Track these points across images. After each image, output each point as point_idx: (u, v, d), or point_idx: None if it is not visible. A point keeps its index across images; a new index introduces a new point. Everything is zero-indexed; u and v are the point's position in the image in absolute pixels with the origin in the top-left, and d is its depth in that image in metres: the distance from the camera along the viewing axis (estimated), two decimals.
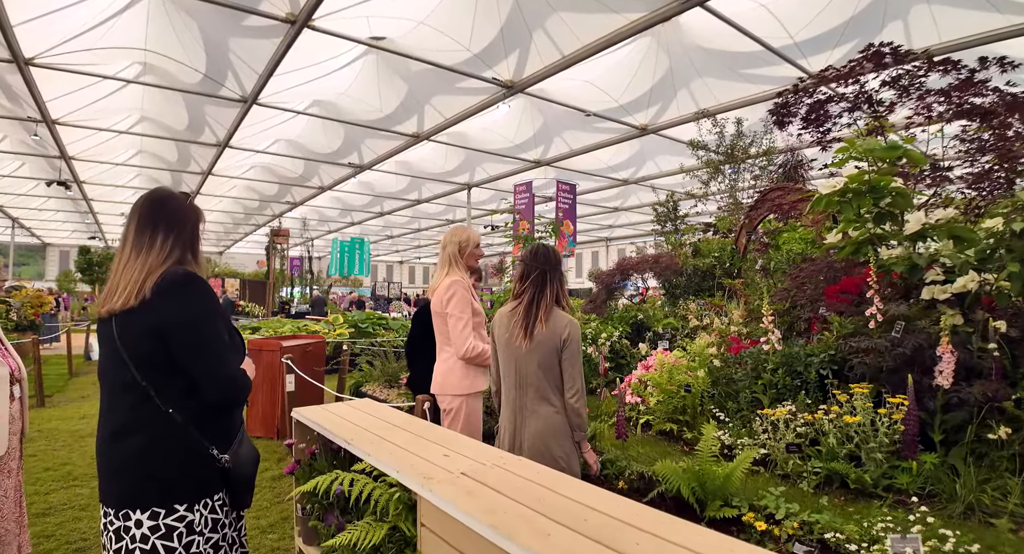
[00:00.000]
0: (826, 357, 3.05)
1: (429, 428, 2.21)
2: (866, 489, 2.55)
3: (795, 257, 4.47)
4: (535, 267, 2.59)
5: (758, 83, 9.61)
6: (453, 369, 3.09)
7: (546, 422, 2.48)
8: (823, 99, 3.85)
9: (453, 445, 1.92)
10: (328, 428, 2.14)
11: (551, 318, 2.51)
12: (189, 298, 1.73)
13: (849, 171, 2.93)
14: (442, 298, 3.07)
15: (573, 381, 2.44)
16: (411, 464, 1.68)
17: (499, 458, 1.77)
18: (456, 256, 3.18)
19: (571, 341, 2.45)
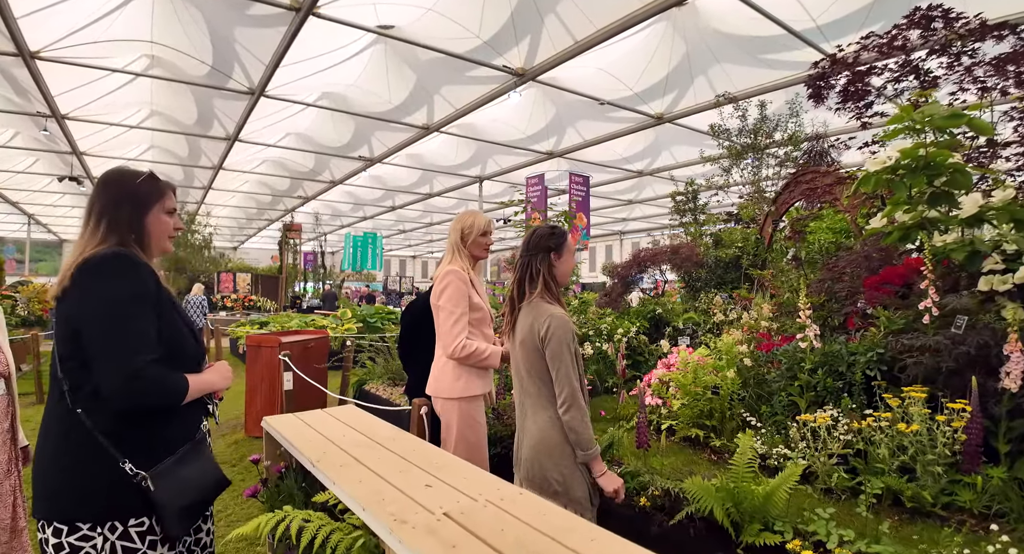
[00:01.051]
0: (874, 356, 2.73)
1: (416, 447, 1.90)
2: (923, 508, 2.24)
3: (829, 246, 4.13)
4: (521, 253, 2.33)
5: (778, 68, 9.20)
6: (445, 369, 2.78)
7: (540, 435, 2.12)
8: (863, 70, 3.50)
9: (441, 471, 1.60)
10: (295, 443, 1.81)
11: (530, 310, 2.20)
12: (103, 280, 1.48)
13: (900, 145, 2.60)
14: (436, 290, 2.80)
15: (561, 388, 2.05)
16: (383, 497, 1.35)
17: (495, 491, 1.43)
18: (458, 244, 2.89)
19: (551, 338, 2.07)
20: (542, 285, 2.22)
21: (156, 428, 1.55)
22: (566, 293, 6.06)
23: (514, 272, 2.34)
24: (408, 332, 3.51)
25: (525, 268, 2.27)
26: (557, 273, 2.25)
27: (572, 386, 2.04)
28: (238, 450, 5.10)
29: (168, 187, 1.77)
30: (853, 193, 3.23)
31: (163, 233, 1.71)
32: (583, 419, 2.04)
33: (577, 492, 2.03)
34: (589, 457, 2.04)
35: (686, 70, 9.83)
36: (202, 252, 20.23)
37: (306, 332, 6.01)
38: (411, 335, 3.47)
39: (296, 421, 2.07)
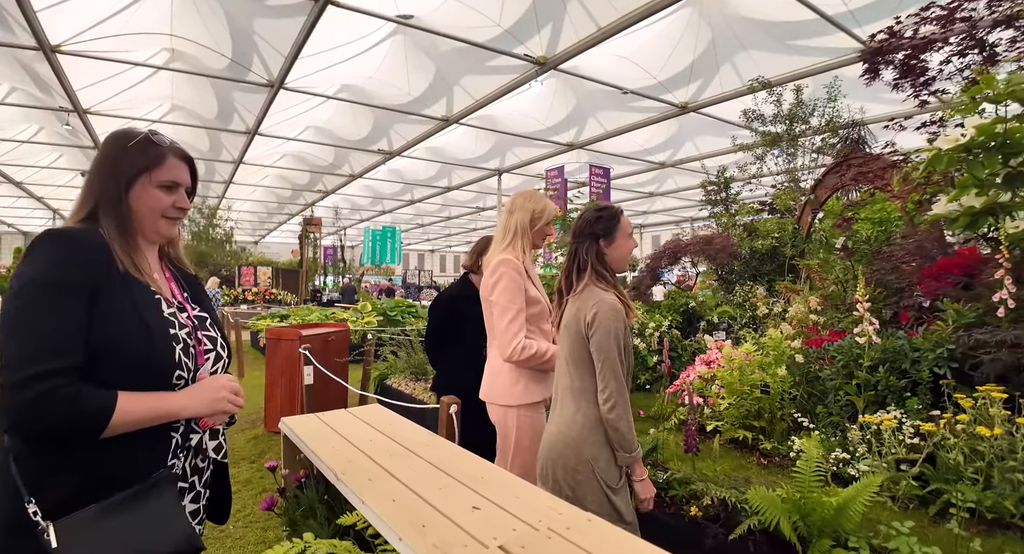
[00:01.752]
0: (944, 352, 2.51)
1: (454, 456, 1.69)
2: (1002, 519, 2.03)
3: (878, 235, 3.88)
4: (569, 240, 2.11)
5: (808, 55, 8.88)
6: (500, 373, 2.47)
7: (560, 429, 1.93)
8: (922, 43, 3.24)
9: (488, 487, 1.37)
10: (316, 451, 1.60)
11: (578, 297, 2.01)
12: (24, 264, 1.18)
13: (975, 121, 2.36)
14: (487, 282, 2.48)
15: (605, 382, 1.85)
16: (422, 523, 1.14)
17: (557, 516, 1.20)
18: (524, 227, 2.51)
19: (598, 327, 1.86)
20: (591, 275, 2.02)
21: (87, 460, 1.14)
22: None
23: (567, 258, 2.13)
24: (436, 326, 3.30)
25: (572, 257, 2.08)
26: (610, 260, 2.04)
27: (618, 380, 1.84)
28: (257, 446, 5.01)
29: (165, 154, 1.35)
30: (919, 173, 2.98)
31: (154, 211, 1.33)
32: (628, 417, 1.84)
33: (589, 506, 1.76)
34: (632, 459, 1.86)
35: (712, 57, 9.55)
36: (223, 246, 20.37)
37: (326, 325, 5.90)
38: (439, 329, 3.27)
39: (317, 422, 1.90)
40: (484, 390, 2.55)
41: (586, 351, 1.91)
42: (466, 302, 3.16)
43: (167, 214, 1.37)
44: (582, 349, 1.92)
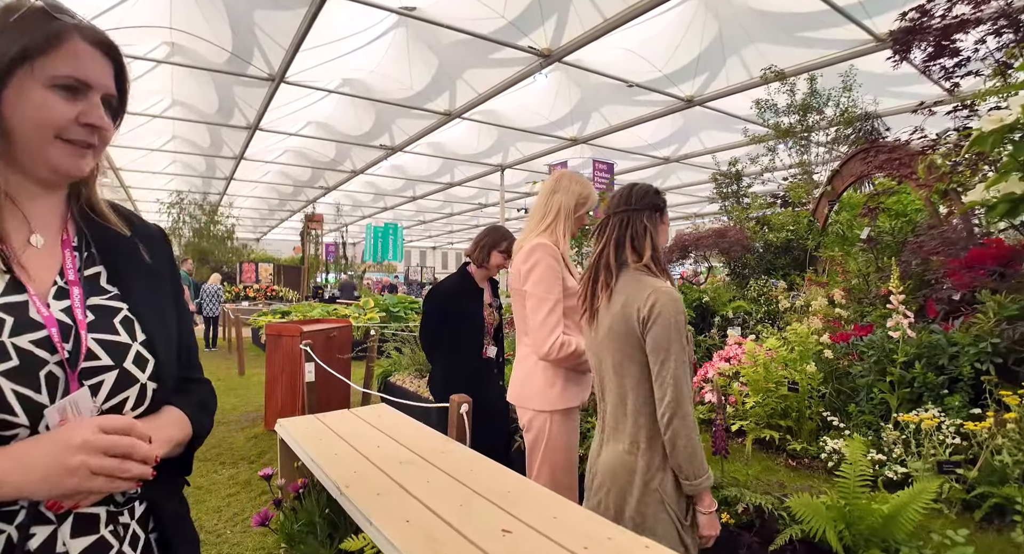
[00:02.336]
0: (987, 347, 2.36)
1: (474, 466, 1.49)
2: None
3: (903, 225, 3.74)
4: (616, 209, 1.73)
5: (817, 47, 8.73)
6: (534, 373, 2.19)
7: (617, 453, 1.61)
8: (956, 22, 3.09)
9: (517, 505, 1.20)
10: (317, 461, 1.40)
11: (623, 284, 1.63)
12: None
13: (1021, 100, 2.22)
14: (519, 269, 2.19)
15: (663, 389, 1.49)
16: (443, 550, 0.96)
17: (605, 541, 1.05)
18: (569, 210, 2.23)
19: (656, 321, 1.50)
20: (650, 251, 1.66)
21: None
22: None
23: (600, 235, 1.76)
24: (432, 319, 3.12)
25: (624, 226, 1.69)
26: (659, 240, 1.72)
27: (679, 388, 1.49)
28: (257, 445, 4.89)
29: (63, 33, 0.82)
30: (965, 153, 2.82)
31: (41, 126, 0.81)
32: (691, 434, 1.49)
33: (655, 532, 1.50)
34: (699, 487, 1.49)
35: (718, 50, 9.42)
36: (225, 243, 20.27)
37: (328, 321, 5.78)
38: (435, 323, 3.10)
39: (318, 425, 1.73)
40: (515, 391, 2.28)
41: (640, 353, 1.57)
42: (463, 297, 3.07)
43: (66, 134, 0.83)
44: (634, 351, 1.58)
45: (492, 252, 3.06)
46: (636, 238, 1.68)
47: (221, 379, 7.93)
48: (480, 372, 3.05)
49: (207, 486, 4.02)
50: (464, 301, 3.06)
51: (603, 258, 1.70)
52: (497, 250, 3.06)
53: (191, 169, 17.78)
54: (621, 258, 1.68)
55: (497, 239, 3.09)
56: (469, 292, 3.08)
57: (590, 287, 1.74)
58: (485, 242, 3.10)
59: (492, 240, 3.08)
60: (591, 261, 1.75)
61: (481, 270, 3.12)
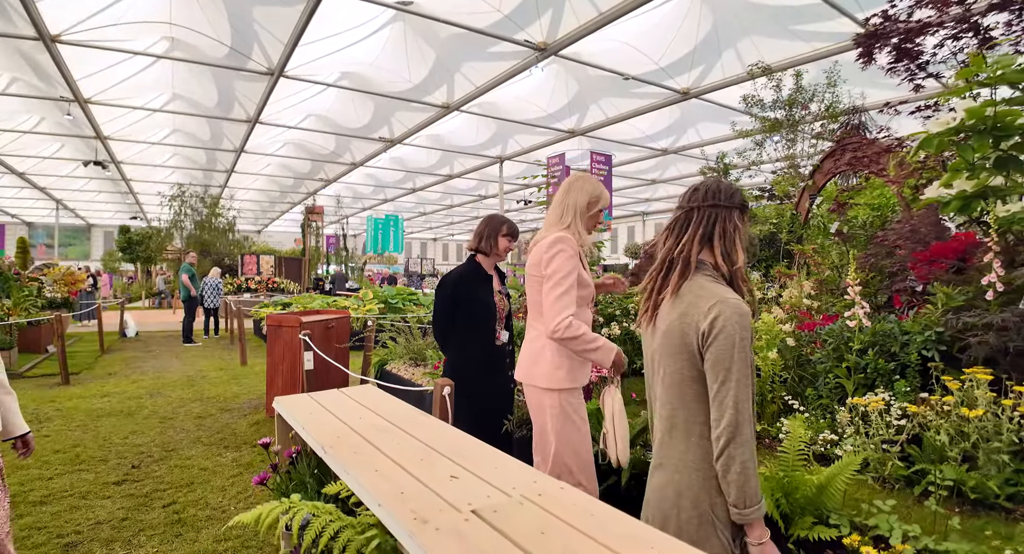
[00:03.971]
0: (932, 335, 2.53)
1: (440, 432, 1.69)
2: (986, 499, 2.06)
3: (874, 219, 3.89)
4: (695, 201, 1.57)
5: (810, 40, 8.82)
6: (542, 353, 2.32)
7: (668, 475, 1.49)
8: (917, 27, 3.22)
9: (468, 459, 1.40)
10: (306, 427, 1.64)
11: (687, 288, 1.48)
12: None
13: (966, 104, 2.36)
14: (541, 257, 2.30)
15: (721, 410, 1.37)
16: (402, 491, 1.19)
17: (532, 485, 1.23)
18: (581, 209, 2.37)
19: (719, 335, 1.37)
20: (743, 252, 1.54)
21: None
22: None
23: (677, 228, 1.59)
24: (444, 308, 3.16)
25: (711, 221, 1.53)
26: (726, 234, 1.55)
27: (738, 411, 1.35)
28: (259, 431, 5.09)
29: None
30: (910, 159, 2.98)
31: None
32: (747, 461, 1.35)
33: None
34: (749, 517, 1.37)
35: (714, 43, 9.49)
36: (226, 235, 20.42)
37: (327, 312, 5.95)
38: (448, 311, 3.15)
39: (310, 402, 1.94)
40: (523, 370, 2.41)
41: (695, 370, 1.45)
42: (473, 283, 3.14)
43: None
44: (689, 367, 1.45)
45: (497, 238, 3.15)
46: (726, 238, 1.53)
47: (224, 369, 8.15)
48: (494, 358, 3.15)
49: (212, 468, 4.23)
50: (475, 288, 3.13)
51: (683, 252, 1.53)
52: (500, 235, 3.15)
53: (192, 162, 17.92)
54: (702, 257, 1.53)
55: (497, 225, 3.18)
56: (479, 279, 3.16)
57: (658, 280, 1.57)
58: (487, 231, 3.17)
59: (493, 227, 3.17)
60: (663, 253, 1.58)
61: (490, 258, 3.20)
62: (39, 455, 4.46)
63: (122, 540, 3.14)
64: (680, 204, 1.63)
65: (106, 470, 4.18)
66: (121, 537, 3.17)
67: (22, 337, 8.80)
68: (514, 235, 3.22)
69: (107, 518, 3.39)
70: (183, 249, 17.32)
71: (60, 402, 6.10)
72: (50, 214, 26.68)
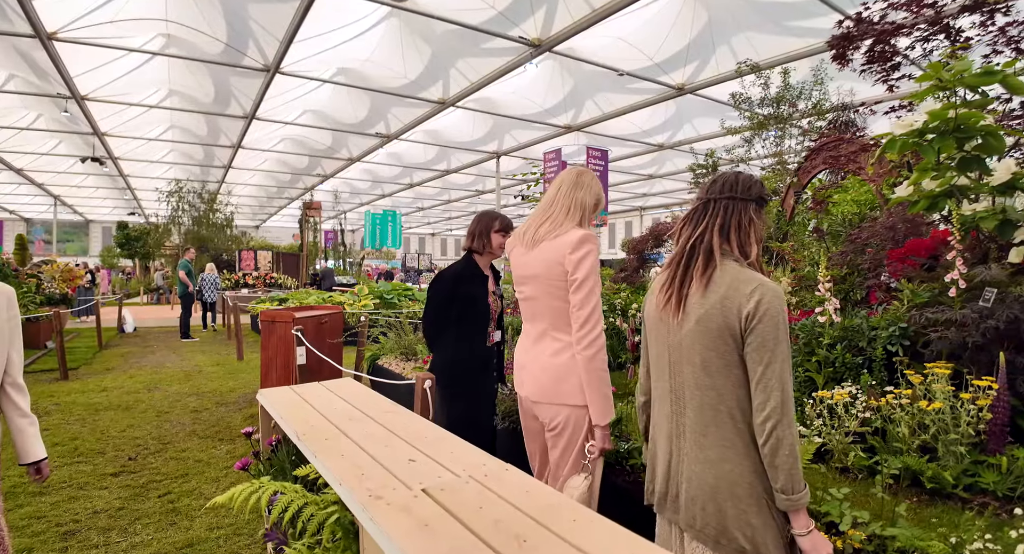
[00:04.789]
0: (896, 330, 2.62)
1: (408, 422, 1.77)
2: (944, 489, 2.15)
3: (852, 217, 3.97)
4: (713, 193, 1.59)
5: (804, 36, 8.88)
6: (570, 369, 2.08)
7: (718, 469, 1.46)
8: (889, 29, 3.29)
9: (428, 445, 1.51)
10: (283, 416, 1.76)
11: (720, 275, 1.48)
12: None
13: (928, 107, 2.44)
14: (564, 256, 2.06)
15: (767, 393, 1.37)
16: (362, 472, 1.30)
17: (481, 467, 1.34)
18: (589, 209, 2.22)
19: (763, 317, 1.38)
20: (758, 243, 1.54)
21: None
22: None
23: (696, 218, 1.60)
24: (439, 304, 3.04)
25: (728, 213, 1.55)
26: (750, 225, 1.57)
27: (785, 392, 1.36)
28: (253, 424, 5.19)
29: None
30: (877, 159, 3.07)
31: None
32: (794, 443, 1.36)
33: (770, 550, 1.42)
34: (796, 503, 1.37)
35: (708, 39, 9.55)
36: (224, 231, 20.49)
37: (320, 308, 6.03)
38: (443, 308, 3.02)
39: (291, 394, 2.04)
40: (546, 389, 2.14)
41: (735, 352, 1.44)
42: (470, 282, 3.03)
43: None
44: (729, 349, 1.44)
45: (490, 234, 3.04)
46: (741, 230, 1.54)
47: (221, 364, 8.25)
48: (487, 358, 3.06)
49: (207, 460, 4.34)
50: (471, 286, 3.03)
51: (704, 242, 1.53)
52: (494, 231, 3.05)
53: (189, 158, 17.97)
54: (724, 247, 1.53)
55: (490, 222, 3.08)
56: (475, 277, 3.06)
57: (680, 272, 1.55)
58: (481, 228, 3.07)
59: (486, 225, 3.07)
60: (682, 243, 1.58)
61: (485, 256, 3.10)
62: None
63: (119, 528, 3.24)
64: (699, 195, 1.63)
65: (104, 462, 4.28)
66: (118, 525, 3.27)
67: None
68: (507, 229, 3.10)
69: (104, 507, 3.50)
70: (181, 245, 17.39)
71: (59, 397, 6.20)
72: (48, 210, 26.78)
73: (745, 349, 1.42)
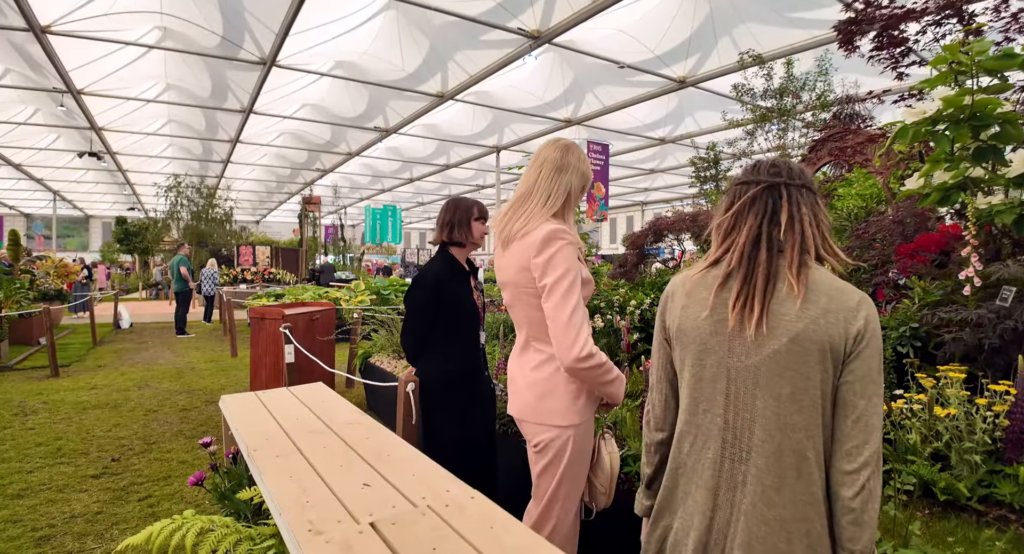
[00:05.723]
0: (907, 331, 2.47)
1: (370, 435, 1.60)
2: (958, 500, 2.01)
3: (858, 212, 3.82)
4: (754, 183, 1.25)
5: (807, 27, 8.70)
6: (556, 385, 1.85)
7: (791, 523, 1.15)
8: (899, 13, 3.12)
9: (388, 465, 1.34)
10: (239, 428, 1.60)
11: (818, 282, 1.16)
12: None
13: (942, 93, 2.29)
14: (529, 258, 1.82)
15: (866, 436, 1.11)
16: (307, 499, 1.14)
17: (444, 494, 1.18)
18: (576, 193, 1.93)
19: (871, 342, 1.12)
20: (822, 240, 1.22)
21: None
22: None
23: (749, 207, 1.25)
24: (424, 310, 2.64)
25: (810, 205, 1.23)
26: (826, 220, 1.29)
27: (879, 434, 1.12)
28: None
29: None
30: (887, 150, 2.92)
31: None
32: (880, 499, 1.14)
33: None
34: None
35: (710, 31, 9.38)
36: (223, 225, 20.39)
37: (312, 304, 5.92)
38: (430, 314, 2.63)
39: (254, 402, 1.91)
40: (529, 407, 1.91)
41: (830, 383, 1.14)
42: (455, 282, 2.69)
43: None
44: (826, 380, 1.14)
45: (471, 223, 2.71)
46: (823, 227, 1.23)
47: (214, 361, 8.14)
48: (480, 365, 2.74)
49: (191, 461, 4.22)
50: (455, 286, 2.68)
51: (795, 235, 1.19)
52: (473, 219, 2.72)
53: (188, 152, 17.85)
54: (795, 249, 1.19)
55: (467, 210, 2.74)
56: (459, 276, 2.72)
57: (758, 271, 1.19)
58: (458, 218, 2.71)
59: (463, 214, 2.72)
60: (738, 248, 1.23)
61: (464, 249, 2.76)
62: (21, 448, 4.46)
63: (95, 534, 3.13)
64: (749, 178, 1.27)
65: (86, 463, 4.17)
66: (94, 530, 3.16)
67: (14, 329, 8.81)
68: (485, 217, 2.78)
69: (82, 511, 3.39)
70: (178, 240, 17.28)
71: (47, 395, 6.10)
72: (48, 205, 26.70)
73: (843, 377, 1.13)
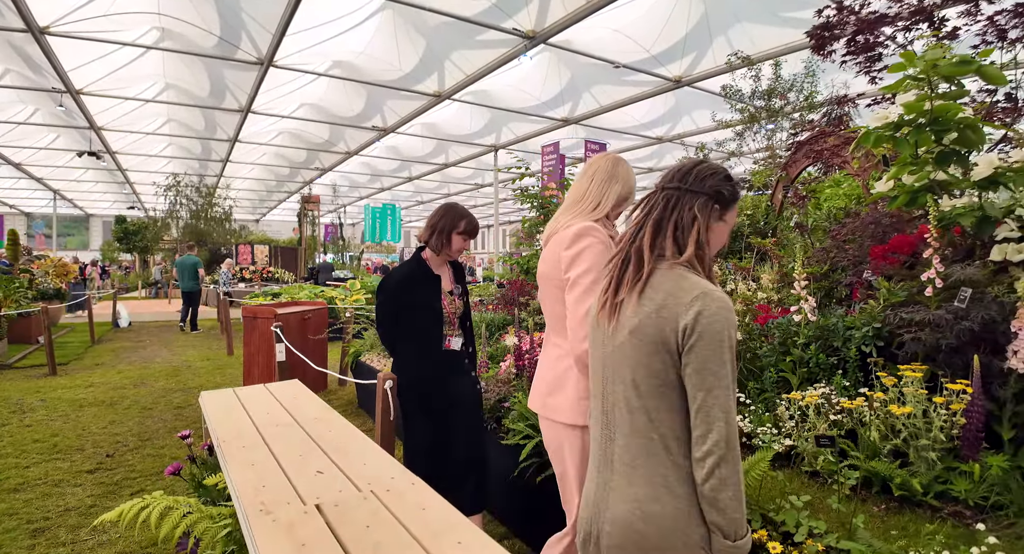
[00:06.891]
0: (870, 330, 2.54)
1: (333, 429, 1.69)
2: (914, 497, 2.08)
3: (837, 212, 3.88)
4: (665, 184, 1.39)
5: (801, 27, 8.66)
6: (566, 381, 1.86)
7: (645, 503, 1.24)
8: (871, 19, 3.17)
9: (343, 456, 1.44)
10: (212, 421, 1.73)
11: (660, 280, 1.27)
12: None
13: (905, 99, 2.35)
14: (559, 255, 1.84)
15: (708, 423, 1.17)
16: (264, 484, 1.24)
17: (388, 480, 1.27)
18: (622, 201, 1.99)
19: (703, 334, 1.18)
20: (694, 245, 1.29)
21: None
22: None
23: (640, 211, 1.40)
24: (386, 312, 2.75)
25: (670, 207, 1.33)
26: (712, 239, 1.35)
27: (728, 424, 1.17)
28: None
29: None
30: (852, 153, 2.98)
31: None
32: (739, 484, 1.18)
33: None
34: (743, 549, 1.19)
35: (705, 30, 9.42)
36: (223, 225, 20.48)
37: (305, 303, 5.99)
38: (390, 315, 2.75)
39: (231, 398, 2.01)
40: (540, 399, 1.93)
41: (671, 371, 1.23)
42: (416, 285, 2.75)
43: None
44: (665, 368, 1.23)
45: (451, 235, 2.74)
46: (680, 227, 1.31)
47: (210, 359, 8.23)
48: (444, 366, 2.75)
49: (182, 456, 4.22)
50: (417, 290, 2.72)
51: (636, 241, 1.34)
52: (456, 232, 2.74)
53: (187, 152, 17.94)
54: (658, 247, 1.31)
55: (455, 220, 2.76)
56: (424, 279, 2.74)
57: (616, 275, 1.36)
58: (443, 224, 2.75)
59: (450, 222, 2.75)
60: (623, 242, 1.40)
61: (440, 256, 2.80)
62: (19, 445, 4.55)
63: (88, 526, 3.21)
64: (657, 185, 1.43)
65: (81, 459, 4.26)
66: (87, 523, 3.25)
67: (12, 328, 8.91)
68: (472, 233, 2.80)
69: (76, 505, 3.48)
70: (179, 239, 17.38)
71: (45, 392, 6.19)
72: (49, 204, 26.81)
73: (683, 370, 1.21)
